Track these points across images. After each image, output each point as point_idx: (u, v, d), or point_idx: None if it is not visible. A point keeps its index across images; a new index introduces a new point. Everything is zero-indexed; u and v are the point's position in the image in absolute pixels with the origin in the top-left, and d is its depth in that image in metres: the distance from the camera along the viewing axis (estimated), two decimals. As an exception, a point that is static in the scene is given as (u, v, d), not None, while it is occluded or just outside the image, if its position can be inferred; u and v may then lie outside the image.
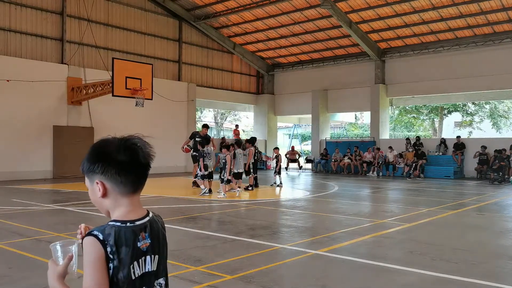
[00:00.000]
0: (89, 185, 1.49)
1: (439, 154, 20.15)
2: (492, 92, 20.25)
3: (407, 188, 14.81)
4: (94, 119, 18.31)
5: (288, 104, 26.25)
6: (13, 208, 9.16)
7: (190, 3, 21.50)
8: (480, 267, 5.04)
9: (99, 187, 1.44)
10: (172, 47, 22.22)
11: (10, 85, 15.99)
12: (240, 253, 5.53)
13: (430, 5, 18.12)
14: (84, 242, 1.38)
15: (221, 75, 24.85)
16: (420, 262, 5.15)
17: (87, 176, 1.49)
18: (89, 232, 1.39)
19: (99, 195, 1.45)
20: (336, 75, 23.91)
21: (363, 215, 8.90)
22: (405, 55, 21.60)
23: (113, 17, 19.76)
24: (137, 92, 15.70)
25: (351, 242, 6.22)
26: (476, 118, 32.79)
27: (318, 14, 20.50)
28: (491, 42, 19.22)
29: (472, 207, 10.02)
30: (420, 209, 9.55)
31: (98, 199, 1.48)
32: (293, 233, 6.95)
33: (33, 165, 16.55)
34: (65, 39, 18.03)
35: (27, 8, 17.17)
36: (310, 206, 10.56)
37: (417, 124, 35.43)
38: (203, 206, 10.13)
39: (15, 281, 4.38)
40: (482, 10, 17.90)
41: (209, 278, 4.43)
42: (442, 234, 7.05)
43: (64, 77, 17.56)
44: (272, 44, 24.18)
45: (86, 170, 1.47)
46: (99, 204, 1.50)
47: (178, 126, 21.45)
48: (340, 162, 22.02)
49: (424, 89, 21.37)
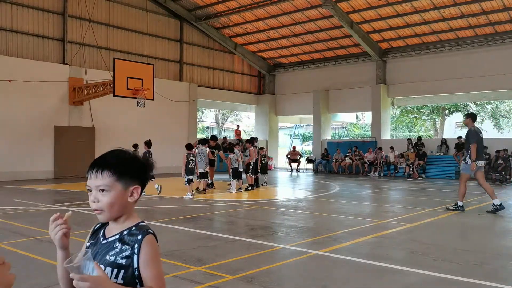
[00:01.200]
0: (121, 188, 1.59)
1: (440, 154, 20.13)
2: (493, 92, 20.22)
3: (408, 188, 14.79)
4: (96, 119, 18.33)
5: (289, 104, 26.24)
6: (15, 208, 9.17)
7: (191, 4, 21.51)
8: (481, 267, 5.03)
9: (137, 192, 1.62)
10: (173, 47, 22.23)
11: (12, 85, 16.01)
12: (241, 253, 5.53)
13: (431, 5, 18.11)
14: (149, 240, 1.57)
15: (222, 75, 24.86)
16: (422, 263, 5.14)
17: (121, 180, 1.59)
18: (147, 231, 1.59)
19: (133, 199, 1.62)
20: (337, 75, 23.90)
21: (365, 215, 8.89)
22: (406, 55, 21.58)
23: (114, 17, 19.78)
24: (138, 92, 15.71)
25: (352, 242, 6.21)
26: (478, 118, 32.73)
27: (319, 14, 20.49)
28: (493, 42, 19.19)
29: (474, 208, 10.01)
30: (422, 210, 9.53)
31: (124, 202, 1.61)
32: (294, 234, 6.94)
33: (34, 165, 16.57)
34: (67, 39, 18.06)
35: (29, 8, 17.20)
36: (311, 206, 10.56)
37: (419, 124, 35.41)
38: (204, 206, 10.13)
39: (17, 281, 4.37)
40: (484, 10, 17.88)
41: (210, 278, 4.43)
42: (444, 235, 7.04)
43: (66, 77, 17.58)
44: (273, 44, 24.17)
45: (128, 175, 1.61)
46: (122, 207, 1.61)
47: (179, 126, 21.46)
48: (341, 162, 22.00)
49: (425, 89, 21.35)
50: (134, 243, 1.56)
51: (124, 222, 1.62)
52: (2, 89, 15.86)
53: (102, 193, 1.57)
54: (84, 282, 1.39)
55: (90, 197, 1.60)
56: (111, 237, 1.62)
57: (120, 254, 1.56)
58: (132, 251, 1.56)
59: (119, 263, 1.55)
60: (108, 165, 1.58)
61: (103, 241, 1.63)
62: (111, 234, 1.63)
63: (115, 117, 18.59)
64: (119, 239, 1.60)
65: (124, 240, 1.59)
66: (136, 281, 1.55)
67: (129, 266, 1.55)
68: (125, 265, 1.55)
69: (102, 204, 1.57)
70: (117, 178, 1.58)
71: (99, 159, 1.62)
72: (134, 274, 1.55)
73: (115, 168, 1.58)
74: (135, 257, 1.55)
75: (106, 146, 1.83)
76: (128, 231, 1.60)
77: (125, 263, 1.55)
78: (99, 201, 1.58)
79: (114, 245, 1.59)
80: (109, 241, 1.61)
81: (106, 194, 1.57)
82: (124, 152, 1.65)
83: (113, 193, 1.58)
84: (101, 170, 1.58)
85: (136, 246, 1.56)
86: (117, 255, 1.56)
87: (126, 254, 1.56)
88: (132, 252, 1.55)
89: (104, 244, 1.61)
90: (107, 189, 1.57)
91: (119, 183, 1.58)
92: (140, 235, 1.57)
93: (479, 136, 9.06)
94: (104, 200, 1.57)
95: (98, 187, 1.57)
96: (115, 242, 1.60)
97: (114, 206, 1.58)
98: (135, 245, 1.56)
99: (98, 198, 1.58)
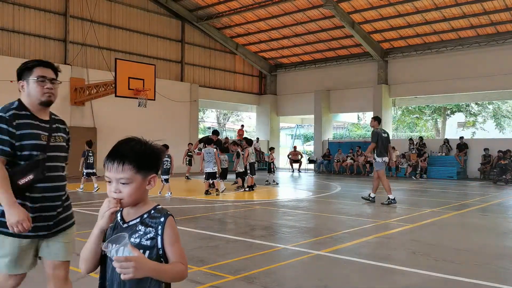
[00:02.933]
0: (141, 179, 1.70)
1: (442, 154, 20.10)
2: (495, 92, 20.19)
3: (410, 188, 14.78)
4: (97, 120, 18.36)
5: (290, 105, 26.24)
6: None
7: (193, 4, 21.53)
8: (483, 268, 5.02)
9: (154, 180, 1.75)
10: (174, 48, 22.24)
11: (14, 85, 15.96)
12: (243, 253, 5.53)
13: (433, 5, 18.09)
14: (171, 221, 1.73)
15: (224, 75, 24.87)
16: (424, 263, 5.13)
17: (141, 172, 1.69)
18: (167, 213, 1.74)
19: (150, 187, 1.75)
20: (338, 76, 23.89)
21: (366, 215, 8.88)
22: (408, 55, 21.56)
23: (115, 17, 19.80)
24: (140, 92, 15.73)
25: (354, 242, 6.21)
26: (479, 118, 32.69)
27: (321, 15, 20.48)
28: (495, 42, 19.16)
29: (476, 208, 9.99)
30: (423, 210, 9.52)
31: (143, 191, 1.73)
32: (295, 234, 6.94)
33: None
34: (68, 39, 18.08)
35: (31, 9, 17.23)
36: (312, 206, 10.55)
37: (420, 125, 35.36)
38: (205, 206, 10.14)
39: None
40: (485, 10, 17.85)
41: (211, 279, 4.43)
42: (446, 235, 7.03)
43: (67, 77, 17.59)
44: (275, 45, 24.17)
45: (147, 166, 1.71)
46: (140, 195, 1.72)
47: (181, 126, 21.47)
48: (343, 162, 21.99)
49: (427, 89, 21.32)
50: (158, 225, 1.70)
51: (142, 207, 1.75)
52: (4, 90, 15.85)
53: (123, 185, 1.68)
54: (129, 262, 1.51)
55: (109, 187, 1.70)
56: (132, 221, 1.73)
57: (145, 236, 1.68)
58: (156, 232, 1.69)
59: (144, 245, 1.67)
60: (128, 159, 1.67)
61: (123, 225, 1.73)
62: (131, 218, 1.74)
63: (116, 118, 18.61)
64: (140, 222, 1.72)
65: (146, 223, 1.71)
66: (161, 259, 1.68)
67: (153, 247, 1.68)
68: (150, 246, 1.68)
69: (123, 194, 1.68)
70: (137, 171, 1.69)
71: (118, 151, 1.69)
72: (159, 254, 1.68)
73: (135, 162, 1.68)
74: (159, 238, 1.68)
75: (107, 147, 1.84)
76: (148, 215, 1.73)
77: (150, 244, 1.68)
78: (121, 192, 1.68)
79: (137, 228, 1.70)
80: (130, 224, 1.72)
81: (127, 186, 1.68)
82: (140, 143, 1.72)
83: (134, 184, 1.69)
84: (122, 164, 1.66)
85: (159, 228, 1.69)
86: (142, 237, 1.68)
87: (150, 236, 1.68)
88: (156, 234, 1.69)
89: (126, 228, 1.72)
90: (128, 181, 1.68)
91: (139, 175, 1.69)
92: (162, 217, 1.72)
93: (380, 136, 10.38)
94: (125, 191, 1.68)
95: (119, 180, 1.67)
96: (137, 225, 1.71)
97: (134, 195, 1.70)
98: (158, 227, 1.69)
99: (119, 189, 1.68)
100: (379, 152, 10.37)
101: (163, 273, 1.62)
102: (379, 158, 10.38)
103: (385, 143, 10.45)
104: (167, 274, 1.64)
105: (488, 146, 18.72)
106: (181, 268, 1.68)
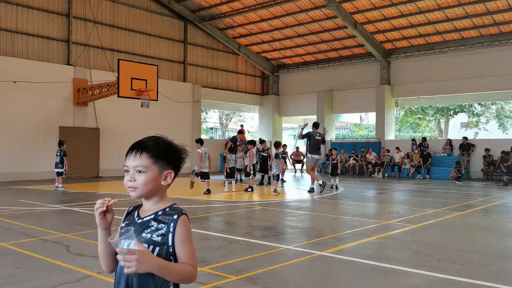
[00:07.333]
0: (156, 171, 1.70)
1: (445, 155, 20.06)
2: (498, 92, 20.13)
3: (412, 189, 14.75)
4: (100, 120, 18.40)
5: (293, 105, 26.23)
6: (19, 209, 9.21)
7: (195, 4, 21.55)
8: (486, 269, 5.01)
9: (170, 176, 1.73)
10: (177, 48, 22.27)
11: (17, 86, 16.10)
12: (245, 254, 5.53)
13: (435, 6, 18.05)
14: (184, 220, 1.69)
15: (226, 76, 24.89)
16: (426, 264, 5.13)
17: (158, 163, 1.70)
18: (181, 211, 1.70)
19: (166, 183, 1.72)
20: (341, 76, 23.87)
21: (369, 216, 8.87)
22: (410, 55, 21.53)
23: (118, 18, 19.85)
24: (143, 93, 15.75)
25: (356, 243, 6.20)
26: (482, 119, 32.59)
27: (323, 15, 20.47)
28: (498, 42, 19.11)
29: (479, 209, 9.97)
30: (426, 211, 9.51)
31: (158, 185, 1.71)
32: (298, 234, 6.94)
33: (39, 166, 16.65)
34: (71, 40, 18.14)
35: (34, 10, 17.29)
36: (315, 207, 10.55)
37: (423, 125, 35.28)
38: (208, 207, 10.14)
39: (22, 281, 4.40)
40: (488, 10, 17.81)
41: (214, 279, 4.43)
42: (448, 236, 7.01)
43: (70, 78, 17.66)
44: (277, 45, 24.18)
45: (164, 159, 1.72)
46: (155, 189, 1.71)
47: (183, 127, 21.49)
48: (345, 163, 21.96)
49: (429, 89, 21.28)
50: (170, 222, 1.68)
51: (158, 204, 1.74)
52: (7, 90, 15.94)
53: (138, 173, 1.69)
54: (132, 254, 1.52)
55: (126, 176, 1.71)
56: (146, 217, 1.73)
57: (156, 232, 1.67)
58: (167, 229, 1.67)
59: (155, 240, 1.66)
60: (146, 147, 1.70)
61: (138, 221, 1.74)
62: (146, 214, 1.74)
63: (119, 118, 18.65)
64: (154, 219, 1.71)
65: (159, 219, 1.70)
66: (170, 258, 1.67)
67: (164, 244, 1.66)
68: (160, 242, 1.66)
69: (137, 183, 1.69)
70: (154, 161, 1.70)
71: (139, 142, 1.73)
72: (169, 251, 1.66)
73: (153, 151, 1.70)
74: (170, 235, 1.67)
75: (110, 147, 1.86)
76: (162, 212, 1.72)
77: (160, 240, 1.66)
78: (135, 180, 1.69)
79: (150, 223, 1.70)
80: (144, 220, 1.72)
81: (142, 175, 1.69)
82: (162, 138, 1.77)
83: (149, 174, 1.69)
84: (140, 152, 1.70)
85: (172, 225, 1.67)
86: (153, 233, 1.67)
87: (162, 232, 1.67)
88: (167, 231, 1.67)
89: (140, 223, 1.72)
90: (144, 170, 1.69)
91: (155, 166, 1.70)
92: (176, 215, 1.69)
93: (313, 137, 12.67)
94: (139, 180, 1.69)
95: (135, 168, 1.69)
96: (150, 221, 1.71)
97: (148, 186, 1.69)
98: (170, 224, 1.68)
99: (134, 177, 1.69)
100: (311, 150, 12.68)
101: (167, 270, 1.60)
102: (309, 155, 12.74)
103: (316, 144, 12.66)
104: (171, 272, 1.62)
105: (490, 147, 18.67)
106: (188, 269, 1.65)
